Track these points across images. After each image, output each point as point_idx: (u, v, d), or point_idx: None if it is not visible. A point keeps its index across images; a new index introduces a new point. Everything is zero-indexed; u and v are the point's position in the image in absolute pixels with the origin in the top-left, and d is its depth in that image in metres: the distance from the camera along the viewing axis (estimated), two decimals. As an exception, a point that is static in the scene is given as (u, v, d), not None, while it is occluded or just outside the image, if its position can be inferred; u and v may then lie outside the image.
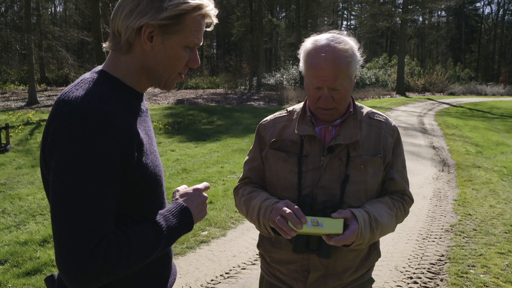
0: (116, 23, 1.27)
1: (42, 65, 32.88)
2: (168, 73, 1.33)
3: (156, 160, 1.34)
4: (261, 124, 1.96)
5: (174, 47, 1.29)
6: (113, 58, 1.31)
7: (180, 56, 1.31)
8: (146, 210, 1.31)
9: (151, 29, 1.24)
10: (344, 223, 1.59)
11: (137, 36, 1.25)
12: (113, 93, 1.25)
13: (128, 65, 1.30)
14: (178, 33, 1.27)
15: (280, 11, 58.56)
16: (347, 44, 1.69)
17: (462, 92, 37.57)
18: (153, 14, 1.23)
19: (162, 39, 1.26)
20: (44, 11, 37.75)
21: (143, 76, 1.33)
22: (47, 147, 1.17)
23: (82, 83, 1.24)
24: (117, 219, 1.23)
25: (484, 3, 66.07)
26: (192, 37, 1.30)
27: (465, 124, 16.12)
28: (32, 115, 15.11)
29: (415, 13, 39.19)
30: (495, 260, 4.42)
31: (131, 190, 1.25)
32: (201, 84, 34.19)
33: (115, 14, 1.27)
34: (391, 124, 1.87)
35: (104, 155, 1.14)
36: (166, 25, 1.24)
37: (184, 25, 1.27)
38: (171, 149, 10.38)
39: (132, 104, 1.31)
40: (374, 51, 57.30)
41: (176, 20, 1.25)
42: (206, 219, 5.48)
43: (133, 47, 1.28)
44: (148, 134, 1.35)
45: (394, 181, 1.82)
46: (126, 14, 1.24)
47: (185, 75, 1.42)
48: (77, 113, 1.14)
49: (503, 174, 8.19)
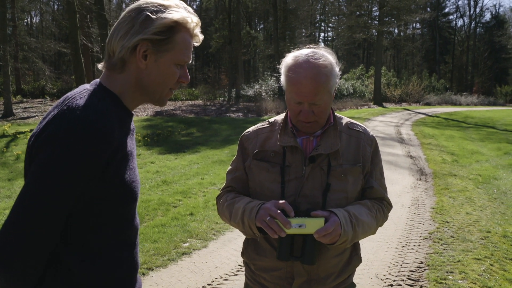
0: (111, 45, 1.38)
1: (18, 77, 32.32)
2: (161, 89, 1.43)
3: (134, 177, 1.41)
4: (244, 135, 2.00)
5: (166, 64, 1.40)
6: (108, 75, 1.41)
7: (172, 73, 1.42)
8: (118, 223, 1.40)
9: (145, 48, 1.35)
10: (325, 223, 1.65)
11: (132, 55, 1.36)
12: (113, 108, 1.34)
13: (124, 83, 1.40)
14: (170, 51, 1.39)
15: (258, 23, 58.98)
16: (326, 60, 1.74)
17: (437, 102, 38.35)
18: (145, 31, 1.34)
19: (156, 57, 1.38)
20: (20, 22, 37.24)
21: (137, 93, 1.43)
22: (38, 143, 1.23)
23: (85, 93, 1.33)
24: (89, 228, 1.31)
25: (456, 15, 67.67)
26: (183, 56, 1.42)
27: (441, 133, 16.44)
28: (8, 128, 14.84)
29: (390, 25, 39.91)
30: (472, 266, 4.51)
31: (105, 202, 1.32)
32: (180, 95, 34.07)
33: (111, 37, 1.39)
34: (369, 134, 1.93)
35: (90, 169, 1.23)
36: (158, 43, 1.36)
37: (174, 43, 1.39)
38: (151, 161, 10.33)
39: (126, 122, 1.42)
40: (351, 62, 58.04)
41: (166, 37, 1.36)
42: (187, 231, 5.47)
43: (127, 66, 1.38)
44: (132, 152, 1.43)
45: (373, 189, 1.89)
46: (121, 36, 1.36)
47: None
48: (78, 121, 1.21)
49: (478, 182, 8.37)
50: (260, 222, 1.67)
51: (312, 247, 1.71)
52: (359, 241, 1.88)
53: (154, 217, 6.05)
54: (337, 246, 1.73)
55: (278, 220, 1.63)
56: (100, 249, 1.34)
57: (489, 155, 11.77)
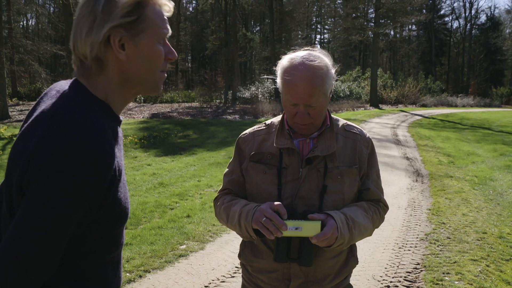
0: (78, 47, 1.22)
1: (14, 79, 32.29)
2: (152, 75, 1.30)
3: (126, 192, 1.29)
4: (241, 137, 2.00)
5: (148, 45, 1.25)
6: (88, 81, 1.25)
7: (158, 53, 1.28)
8: (110, 244, 1.30)
9: (119, 36, 1.20)
10: (322, 225, 1.65)
11: (107, 50, 1.21)
12: (106, 122, 1.20)
13: (107, 85, 1.25)
14: (146, 31, 1.24)
15: (255, 25, 59.10)
16: (322, 62, 1.75)
17: (433, 104, 38.44)
18: (112, 17, 1.19)
19: (134, 43, 1.23)
20: (16, 24, 37.18)
21: (125, 90, 1.29)
22: (30, 171, 1.09)
23: (74, 105, 1.17)
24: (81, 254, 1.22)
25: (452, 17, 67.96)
26: (161, 29, 1.27)
27: (437, 135, 16.49)
28: (4, 130, 14.79)
29: (386, 27, 40.04)
30: (468, 267, 4.53)
31: (101, 226, 1.22)
32: (176, 98, 34.04)
33: (74, 39, 1.22)
34: (365, 136, 1.94)
35: (93, 198, 1.12)
36: (131, 26, 1.21)
37: (147, 20, 1.24)
38: (148, 163, 10.31)
39: (117, 132, 1.27)
40: (348, 64, 58.19)
41: (137, 16, 1.22)
42: (184, 233, 5.46)
43: (105, 64, 1.23)
44: (122, 163, 1.29)
45: (369, 191, 1.90)
46: (86, 33, 1.19)
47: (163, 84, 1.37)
48: (75, 146, 1.08)
49: (474, 183, 8.40)
50: (256, 224, 1.68)
51: (309, 249, 1.71)
52: (356, 242, 1.89)
53: (151, 219, 6.04)
54: (334, 248, 1.74)
55: (274, 221, 1.64)
56: (89, 272, 1.25)
57: (485, 156, 11.81)
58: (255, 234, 1.75)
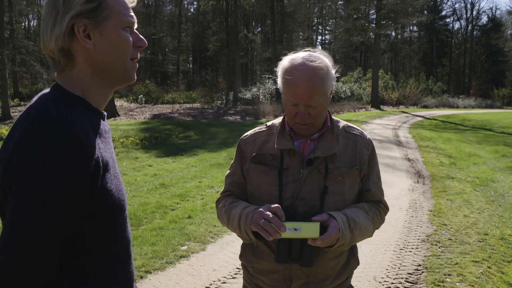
0: (46, 44, 1.24)
1: (15, 80, 32.34)
2: (121, 62, 1.29)
3: (119, 185, 1.29)
4: (242, 139, 2.00)
5: (113, 32, 1.25)
6: (63, 77, 1.27)
7: (124, 39, 1.28)
8: (111, 238, 1.29)
9: (82, 26, 1.21)
10: (321, 227, 1.65)
11: (72, 41, 1.22)
12: (84, 115, 1.21)
13: (81, 78, 1.26)
14: (110, 18, 1.24)
15: (256, 26, 59.15)
16: (322, 62, 1.76)
17: (435, 105, 38.44)
18: (72, 7, 1.20)
19: (99, 31, 1.24)
20: (18, 25, 37.26)
21: (98, 81, 1.29)
22: (10, 172, 1.10)
23: (50, 104, 1.19)
24: (80, 249, 1.21)
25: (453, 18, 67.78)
26: (125, 17, 1.28)
27: (438, 136, 16.48)
28: (5, 131, 14.82)
29: (388, 28, 40.06)
30: (470, 268, 4.52)
31: (95, 219, 1.21)
32: (178, 99, 34.08)
33: (42, 38, 1.24)
34: (366, 138, 1.95)
35: (76, 191, 1.12)
36: (93, 14, 1.22)
37: (109, 8, 1.25)
38: (149, 164, 10.32)
39: (99, 126, 1.27)
40: (349, 65, 58.19)
41: (97, 3, 1.22)
42: (185, 234, 5.47)
43: (74, 56, 1.24)
44: (112, 157, 1.30)
45: (370, 192, 1.90)
46: (51, 28, 1.21)
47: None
48: (50, 142, 1.09)
49: (475, 184, 8.39)
50: (255, 226, 1.68)
51: (310, 249, 1.71)
52: (357, 243, 1.89)
53: (152, 220, 6.05)
54: (335, 249, 1.74)
55: (273, 223, 1.64)
56: (93, 269, 1.24)
57: (487, 157, 11.80)
58: (254, 237, 1.76)
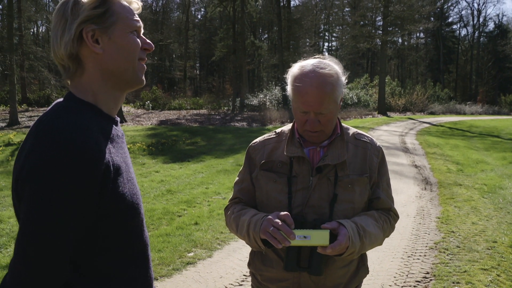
0: (57, 52, 1.28)
1: (23, 86, 32.58)
2: (130, 64, 1.32)
3: (133, 188, 1.31)
4: (251, 146, 2.00)
5: (122, 36, 1.29)
6: (75, 85, 1.31)
7: (133, 41, 1.32)
8: (127, 240, 1.31)
9: (91, 31, 1.25)
10: (330, 235, 1.64)
11: (82, 47, 1.26)
12: (94, 121, 1.24)
13: (91, 83, 1.30)
14: (117, 23, 1.28)
15: (263, 32, 59.28)
16: (332, 69, 1.75)
17: (442, 112, 38.29)
18: (80, 14, 1.24)
19: (108, 36, 1.28)
20: (27, 31, 37.56)
21: (109, 85, 1.32)
22: (22, 178, 1.15)
23: (61, 111, 1.23)
24: (97, 251, 1.24)
25: (460, 25, 67.49)
26: (131, 21, 1.32)
27: (445, 142, 16.39)
28: (13, 136, 14.92)
29: (394, 34, 39.99)
30: (479, 276, 4.48)
31: (110, 221, 1.24)
32: (184, 105, 34.19)
33: (53, 46, 1.29)
34: (376, 145, 1.94)
35: (85, 193, 1.15)
36: (101, 20, 1.26)
37: (116, 14, 1.29)
38: (156, 170, 10.34)
39: (110, 131, 1.30)
40: (356, 72, 58.07)
41: (104, 9, 1.27)
42: (192, 240, 5.46)
43: (84, 62, 1.28)
44: (126, 161, 1.32)
45: (380, 200, 1.89)
46: (61, 36, 1.25)
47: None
48: (59, 147, 1.12)
49: (483, 191, 8.33)
50: (264, 233, 1.67)
51: (319, 257, 1.70)
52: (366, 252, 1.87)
53: (159, 227, 6.05)
54: (344, 257, 1.72)
55: (282, 231, 1.63)
56: (110, 270, 1.27)
57: (494, 164, 11.72)
58: (263, 245, 1.75)
